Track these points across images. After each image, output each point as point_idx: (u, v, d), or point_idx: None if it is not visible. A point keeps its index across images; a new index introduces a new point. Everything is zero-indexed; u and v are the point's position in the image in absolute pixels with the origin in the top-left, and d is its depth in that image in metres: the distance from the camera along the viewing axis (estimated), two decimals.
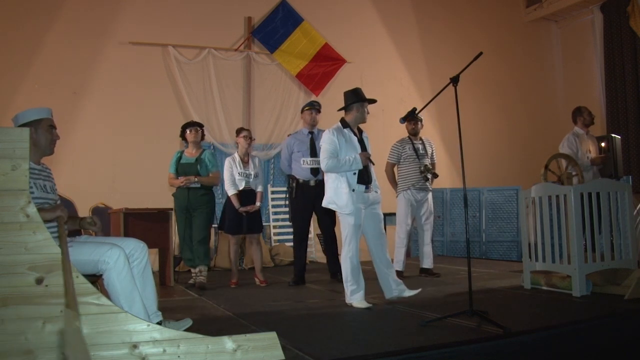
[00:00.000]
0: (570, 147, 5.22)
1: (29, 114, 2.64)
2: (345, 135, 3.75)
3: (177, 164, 4.88)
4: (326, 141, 3.72)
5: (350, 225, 3.64)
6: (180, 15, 7.34)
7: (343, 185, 3.64)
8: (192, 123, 5.02)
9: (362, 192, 3.68)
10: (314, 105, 5.13)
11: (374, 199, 3.79)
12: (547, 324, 2.92)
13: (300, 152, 5.02)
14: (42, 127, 2.64)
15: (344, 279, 3.68)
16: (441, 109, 8.35)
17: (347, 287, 3.66)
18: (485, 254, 7.51)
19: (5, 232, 2.11)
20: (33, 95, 6.35)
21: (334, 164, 3.64)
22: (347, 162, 3.62)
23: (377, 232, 3.79)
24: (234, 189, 4.88)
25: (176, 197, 4.90)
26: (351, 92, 3.85)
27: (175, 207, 4.94)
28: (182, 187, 4.80)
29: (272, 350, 2.27)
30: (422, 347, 2.46)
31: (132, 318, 2.21)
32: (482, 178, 8.46)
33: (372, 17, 8.73)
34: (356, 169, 3.65)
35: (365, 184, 3.72)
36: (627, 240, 4.09)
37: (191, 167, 4.82)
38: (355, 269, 3.63)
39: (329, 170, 3.70)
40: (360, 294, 3.63)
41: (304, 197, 4.99)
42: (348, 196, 3.61)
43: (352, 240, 3.64)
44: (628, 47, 8.63)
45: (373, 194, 3.79)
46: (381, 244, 3.80)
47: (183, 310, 3.66)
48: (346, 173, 3.66)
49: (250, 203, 4.89)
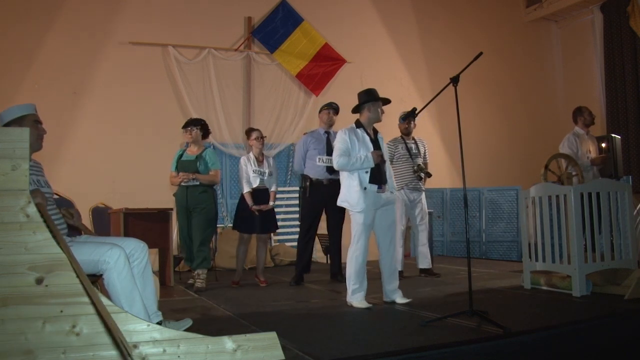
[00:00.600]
0: (571, 147, 5.22)
1: (13, 111, 2.62)
2: (358, 135, 3.76)
3: (177, 161, 4.83)
4: (339, 140, 3.75)
5: (359, 224, 3.64)
6: (180, 15, 7.34)
7: (354, 183, 3.65)
8: (189, 122, 4.90)
9: (374, 192, 3.67)
10: (331, 106, 5.16)
11: (388, 200, 3.78)
12: (547, 324, 2.92)
13: (316, 150, 5.03)
14: (28, 123, 2.60)
15: (347, 277, 3.67)
16: (441, 109, 8.35)
17: (349, 285, 3.66)
18: (485, 254, 7.51)
19: (5, 232, 2.11)
20: (33, 95, 6.34)
21: (345, 161, 3.66)
22: (359, 160, 3.63)
23: (387, 233, 3.78)
24: (249, 186, 4.88)
25: (176, 196, 4.86)
26: (364, 93, 3.86)
27: (176, 206, 4.89)
28: (182, 186, 4.74)
29: (272, 350, 2.27)
30: (422, 347, 2.46)
31: (132, 318, 2.22)
32: (482, 178, 8.46)
33: (372, 17, 8.72)
34: (368, 167, 3.65)
35: (378, 184, 3.70)
36: (627, 240, 4.09)
37: (190, 165, 4.75)
38: (360, 268, 3.63)
39: (341, 168, 3.72)
40: (361, 294, 3.64)
41: (316, 196, 4.99)
42: (359, 194, 3.62)
43: (360, 239, 3.64)
44: (628, 47, 8.63)
45: (387, 194, 3.77)
46: (389, 245, 3.80)
47: (183, 310, 3.66)
48: (359, 172, 3.66)
49: (263, 202, 4.89)
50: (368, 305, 3.59)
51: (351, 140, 3.71)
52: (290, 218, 7.33)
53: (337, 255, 5.15)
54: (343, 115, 5.11)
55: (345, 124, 3.98)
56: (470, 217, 7.62)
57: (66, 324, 2.13)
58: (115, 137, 6.81)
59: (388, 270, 3.79)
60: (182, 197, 4.76)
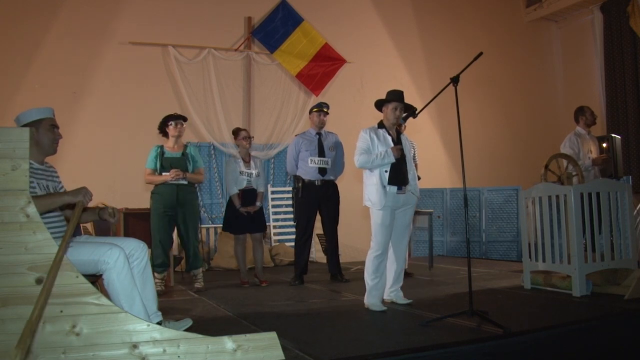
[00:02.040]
0: (572, 147, 5.22)
1: (31, 113, 2.65)
2: (379, 135, 3.73)
3: (161, 159, 4.54)
4: (359, 139, 3.74)
5: (378, 224, 3.60)
6: (180, 15, 7.34)
7: (374, 181, 3.63)
8: (176, 116, 4.65)
9: (394, 193, 3.63)
10: (322, 107, 5.14)
11: (406, 201, 3.72)
12: (547, 324, 2.92)
13: (308, 152, 5.03)
14: (44, 127, 2.64)
15: (366, 277, 3.63)
16: (441, 109, 8.35)
17: (367, 286, 3.62)
18: (485, 254, 7.51)
19: (5, 232, 2.11)
20: (33, 95, 6.35)
21: (366, 159, 3.64)
22: (379, 156, 3.61)
23: (401, 235, 3.76)
24: (236, 188, 4.89)
25: (160, 193, 4.51)
26: (388, 93, 3.78)
27: (156, 205, 4.52)
28: (169, 184, 4.48)
29: (272, 350, 2.27)
30: (422, 347, 2.46)
31: (132, 318, 2.21)
32: (482, 178, 8.46)
33: (372, 17, 8.73)
34: (389, 162, 3.61)
35: (398, 185, 3.65)
36: (627, 240, 4.09)
37: (179, 162, 4.53)
38: (376, 269, 3.59)
39: (361, 166, 3.70)
40: (376, 297, 3.59)
41: (309, 197, 5.00)
42: (380, 194, 3.58)
43: (380, 241, 3.60)
44: (628, 47, 8.63)
45: (408, 194, 3.72)
46: (401, 247, 3.79)
47: (183, 310, 3.66)
48: (380, 170, 3.62)
49: (252, 202, 4.89)
50: (383, 308, 3.54)
51: (371, 139, 3.69)
52: (291, 218, 7.32)
53: (335, 255, 5.15)
54: (343, 115, 5.11)
55: (345, 124, 3.98)
56: (470, 217, 7.62)
57: (66, 324, 2.13)
58: (115, 137, 6.81)
59: (396, 272, 3.77)
60: (170, 195, 4.49)
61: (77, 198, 2.43)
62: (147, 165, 4.57)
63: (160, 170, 4.51)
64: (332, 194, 5.07)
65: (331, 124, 5.34)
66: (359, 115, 7.65)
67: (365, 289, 3.64)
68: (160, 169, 4.51)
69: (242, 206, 4.83)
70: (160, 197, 4.51)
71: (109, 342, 2.16)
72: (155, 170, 4.52)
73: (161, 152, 4.58)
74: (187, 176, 4.53)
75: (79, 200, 2.42)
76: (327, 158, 5.04)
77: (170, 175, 4.46)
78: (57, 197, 2.47)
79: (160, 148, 4.62)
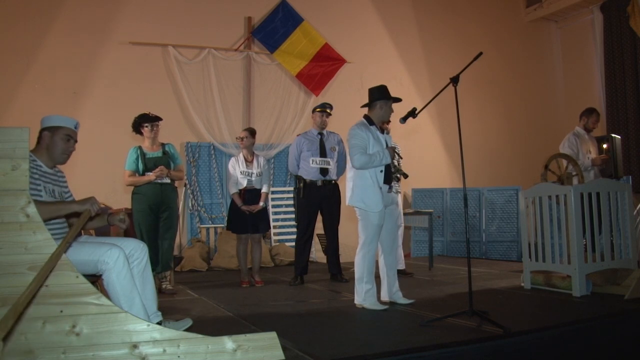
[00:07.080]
0: (571, 147, 5.21)
1: (54, 119, 2.68)
2: (372, 132, 3.65)
3: (143, 159, 4.44)
4: (355, 137, 3.59)
5: (374, 226, 3.56)
6: (180, 15, 7.34)
7: (370, 182, 3.55)
8: (151, 117, 4.53)
9: (385, 192, 3.63)
10: (325, 108, 5.13)
11: (393, 198, 3.79)
12: (547, 324, 2.92)
13: (309, 152, 5.02)
14: (59, 135, 2.66)
15: (358, 278, 3.60)
16: (441, 109, 8.36)
17: (361, 287, 3.58)
18: (485, 254, 7.51)
19: (5, 232, 2.11)
20: (33, 95, 6.35)
21: (366, 159, 3.52)
22: (378, 157, 3.53)
23: (391, 233, 3.76)
24: (236, 188, 4.89)
25: (143, 194, 4.41)
26: (376, 89, 3.75)
27: (140, 205, 4.41)
28: (154, 183, 4.39)
29: (272, 350, 2.27)
30: (422, 347, 2.46)
31: (132, 318, 2.21)
32: (482, 178, 8.46)
33: (372, 17, 8.73)
34: (386, 163, 3.58)
35: (389, 183, 3.67)
36: (627, 240, 4.09)
37: (162, 161, 4.45)
38: (370, 270, 3.58)
39: (361, 167, 3.56)
40: (374, 296, 3.59)
41: (311, 197, 4.99)
42: (378, 195, 3.54)
43: (372, 240, 3.58)
44: (628, 47, 8.63)
45: (393, 193, 3.77)
46: (393, 245, 3.79)
47: (183, 310, 3.66)
48: (375, 172, 3.57)
49: (254, 202, 4.88)
50: (383, 307, 3.53)
51: (367, 137, 3.61)
52: (291, 218, 7.33)
53: (335, 255, 5.15)
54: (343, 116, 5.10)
55: (345, 124, 3.96)
56: (470, 217, 7.62)
57: (66, 324, 2.13)
58: (115, 137, 6.80)
59: (391, 270, 3.77)
60: (155, 194, 4.40)
61: (84, 207, 2.46)
62: (127, 167, 4.45)
63: (144, 171, 4.43)
64: (334, 195, 5.07)
65: (331, 124, 5.33)
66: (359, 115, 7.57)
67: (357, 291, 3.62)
68: (144, 170, 4.43)
69: (244, 205, 4.83)
70: (144, 197, 4.42)
71: (109, 342, 2.16)
72: (137, 171, 4.43)
73: (142, 153, 4.49)
74: (171, 174, 4.47)
75: (86, 208, 2.45)
76: (328, 158, 5.04)
77: (155, 173, 4.38)
78: (64, 205, 2.50)
79: (140, 149, 4.52)
